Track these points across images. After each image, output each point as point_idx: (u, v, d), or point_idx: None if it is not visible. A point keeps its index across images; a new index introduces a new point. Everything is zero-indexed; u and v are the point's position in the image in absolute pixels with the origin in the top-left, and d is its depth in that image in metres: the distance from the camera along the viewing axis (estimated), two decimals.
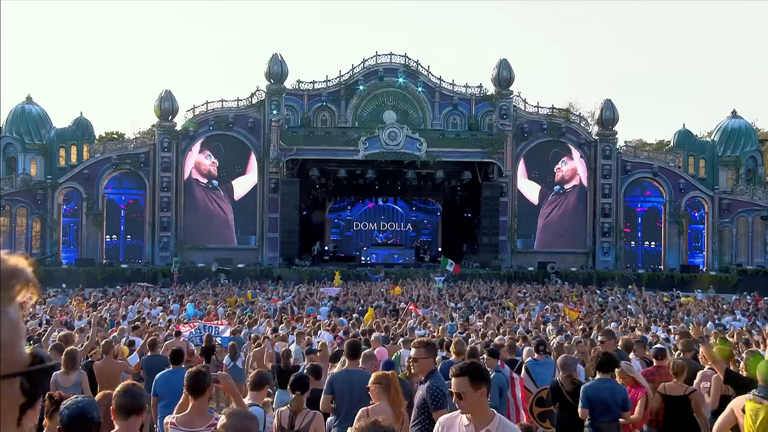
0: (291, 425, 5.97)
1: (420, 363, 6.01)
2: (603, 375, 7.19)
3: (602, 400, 6.99)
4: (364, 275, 38.95)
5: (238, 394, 5.46)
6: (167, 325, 16.75)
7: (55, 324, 14.11)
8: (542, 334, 14.55)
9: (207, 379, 5.07)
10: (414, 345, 6.29)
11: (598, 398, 7.00)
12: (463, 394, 4.30)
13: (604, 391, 7.04)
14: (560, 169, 44.88)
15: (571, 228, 44.81)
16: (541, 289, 34.23)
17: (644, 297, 30.21)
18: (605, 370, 7.20)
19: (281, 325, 16.51)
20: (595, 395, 7.03)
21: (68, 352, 8.92)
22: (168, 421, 5.04)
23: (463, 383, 4.32)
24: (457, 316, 20.23)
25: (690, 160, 46.93)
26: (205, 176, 43.69)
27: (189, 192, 43.35)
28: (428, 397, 5.84)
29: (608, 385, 7.11)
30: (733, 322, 20.16)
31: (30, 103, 45.51)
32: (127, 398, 4.07)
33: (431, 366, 6.09)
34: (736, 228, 44.98)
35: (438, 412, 5.67)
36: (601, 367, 7.22)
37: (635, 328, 16.62)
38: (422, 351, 6.02)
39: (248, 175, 43.82)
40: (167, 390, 7.52)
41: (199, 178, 43.62)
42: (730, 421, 5.62)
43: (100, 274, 38.61)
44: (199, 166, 43.66)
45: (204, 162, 43.68)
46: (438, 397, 5.80)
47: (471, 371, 4.37)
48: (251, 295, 28.34)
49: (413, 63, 45.08)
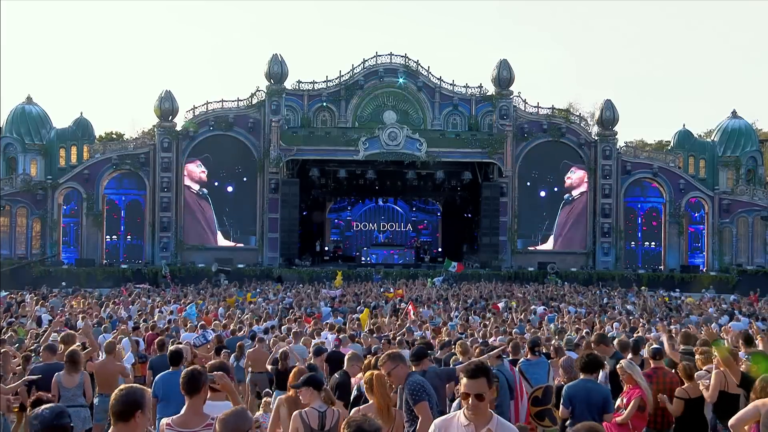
0: (321, 425, 5.86)
1: (393, 375, 6.04)
2: (587, 376, 7.19)
3: (583, 400, 7.01)
4: (365, 275, 38.98)
5: (236, 393, 5.45)
6: (167, 326, 16.75)
7: (55, 324, 14.13)
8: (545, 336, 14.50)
9: (203, 379, 5.06)
10: (380, 363, 6.27)
11: (579, 399, 7.03)
12: (483, 394, 4.30)
13: (585, 391, 7.05)
14: (570, 178, 45.07)
15: (571, 228, 44.92)
16: (541, 289, 34.21)
17: (644, 297, 30.21)
18: (589, 371, 7.21)
19: (283, 326, 16.56)
20: (576, 395, 7.05)
21: (71, 354, 8.94)
22: (164, 422, 5.04)
23: (483, 384, 4.32)
24: (456, 317, 20.21)
25: (690, 161, 46.96)
26: (198, 183, 43.84)
27: (184, 188, 43.56)
28: (407, 394, 5.89)
29: (590, 385, 7.12)
30: (734, 323, 20.11)
31: (30, 104, 45.56)
32: (119, 403, 4.04)
33: (405, 371, 6.14)
34: (736, 228, 45.00)
35: (419, 405, 5.74)
36: (585, 368, 7.22)
37: (636, 329, 16.57)
38: (389, 363, 6.05)
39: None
40: (166, 391, 7.54)
41: (191, 185, 43.78)
42: (750, 417, 5.62)
43: (101, 275, 38.64)
44: (191, 175, 43.88)
45: (194, 171, 43.87)
46: (417, 390, 5.85)
47: (487, 372, 4.39)
48: (251, 296, 28.33)
49: (413, 63, 45.13)
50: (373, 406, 5.93)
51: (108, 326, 16.07)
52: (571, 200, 45.24)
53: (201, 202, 43.90)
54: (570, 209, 45.19)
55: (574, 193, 45.24)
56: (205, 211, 43.89)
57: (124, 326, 15.88)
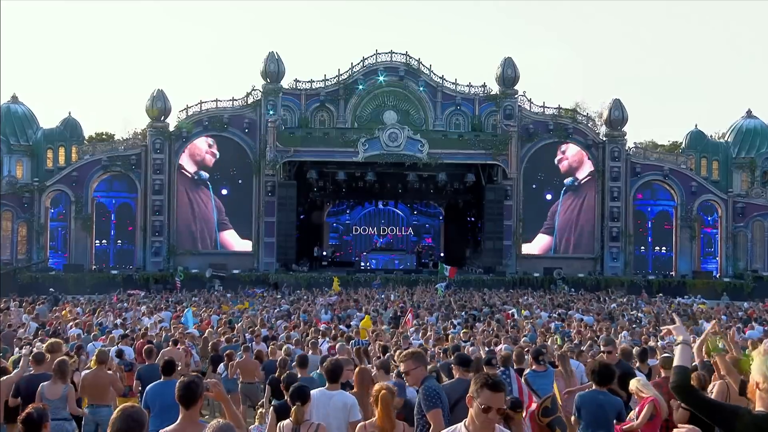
0: None
1: (411, 374, 6.20)
2: (600, 387, 7.19)
3: (595, 411, 7.03)
4: (364, 281, 38.98)
5: (229, 402, 5.47)
6: (160, 334, 16.74)
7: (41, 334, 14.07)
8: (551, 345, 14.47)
9: (199, 390, 5.05)
10: (401, 359, 6.44)
11: (591, 410, 7.04)
12: (504, 408, 4.34)
13: (598, 402, 7.06)
14: (565, 158, 44.57)
15: (579, 232, 44.85)
16: (547, 296, 34.16)
17: (655, 304, 30.17)
18: (603, 383, 7.20)
19: (281, 334, 16.58)
20: (588, 406, 7.06)
21: (59, 363, 8.85)
22: None
23: (502, 398, 4.30)
24: (459, 324, 20.25)
25: (702, 162, 46.89)
26: (196, 164, 43.37)
27: (177, 189, 43.17)
28: (422, 398, 5.95)
29: (603, 397, 7.12)
30: (749, 331, 20.07)
31: (16, 103, 45.58)
32: (124, 423, 4.07)
33: (423, 374, 6.25)
34: (751, 232, 44.95)
35: (432, 412, 5.79)
36: (600, 380, 7.21)
37: (647, 338, 16.53)
38: (410, 363, 6.23)
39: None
40: (158, 402, 7.49)
41: (186, 167, 43.32)
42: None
43: (90, 281, 38.59)
44: (193, 151, 43.33)
45: (200, 148, 43.35)
46: (432, 396, 5.91)
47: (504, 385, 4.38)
48: (248, 305, 28.32)
49: (414, 61, 45.16)
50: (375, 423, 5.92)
51: (97, 334, 16.05)
52: (576, 185, 44.87)
53: (199, 192, 43.40)
54: (581, 197, 44.55)
55: (578, 176, 44.83)
56: (202, 201, 43.51)
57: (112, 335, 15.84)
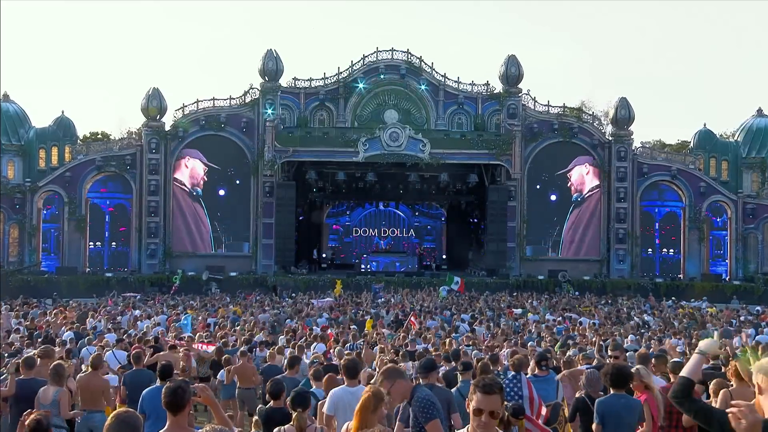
0: None
1: (393, 393, 5.72)
2: (617, 390, 7.19)
3: (616, 416, 7.04)
4: (364, 284, 38.97)
5: (218, 406, 5.47)
6: (155, 337, 16.72)
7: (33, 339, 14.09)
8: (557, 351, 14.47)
9: (187, 396, 5.06)
10: (377, 381, 5.96)
11: (612, 414, 7.06)
12: (497, 411, 4.25)
13: (619, 407, 7.09)
14: (570, 183, 44.97)
15: (584, 234, 44.82)
16: (552, 299, 34.12)
17: (663, 307, 30.15)
18: (619, 385, 7.20)
19: (281, 338, 16.62)
20: (609, 411, 7.08)
21: (55, 367, 8.95)
22: None
23: (497, 401, 4.26)
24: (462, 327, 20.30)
25: (711, 162, 46.83)
26: (192, 184, 43.69)
27: (173, 190, 43.40)
28: (417, 411, 5.67)
29: (623, 401, 7.15)
30: (760, 336, 20.02)
31: (7, 101, 45.49)
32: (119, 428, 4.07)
33: (407, 386, 5.86)
34: (762, 234, 44.88)
35: (431, 424, 5.56)
36: (615, 383, 7.21)
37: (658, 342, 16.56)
38: (385, 384, 5.73)
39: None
40: (154, 407, 7.49)
41: (184, 182, 43.60)
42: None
43: (83, 283, 38.57)
44: (192, 174, 43.68)
45: (197, 172, 43.71)
46: (427, 408, 5.63)
47: (502, 388, 4.35)
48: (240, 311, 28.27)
49: (416, 59, 45.16)
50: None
51: (92, 338, 16.07)
52: (581, 200, 45.07)
53: (195, 205, 43.83)
54: (579, 212, 44.89)
55: (584, 191, 45.00)
56: (197, 213, 43.80)
57: (105, 339, 15.86)
